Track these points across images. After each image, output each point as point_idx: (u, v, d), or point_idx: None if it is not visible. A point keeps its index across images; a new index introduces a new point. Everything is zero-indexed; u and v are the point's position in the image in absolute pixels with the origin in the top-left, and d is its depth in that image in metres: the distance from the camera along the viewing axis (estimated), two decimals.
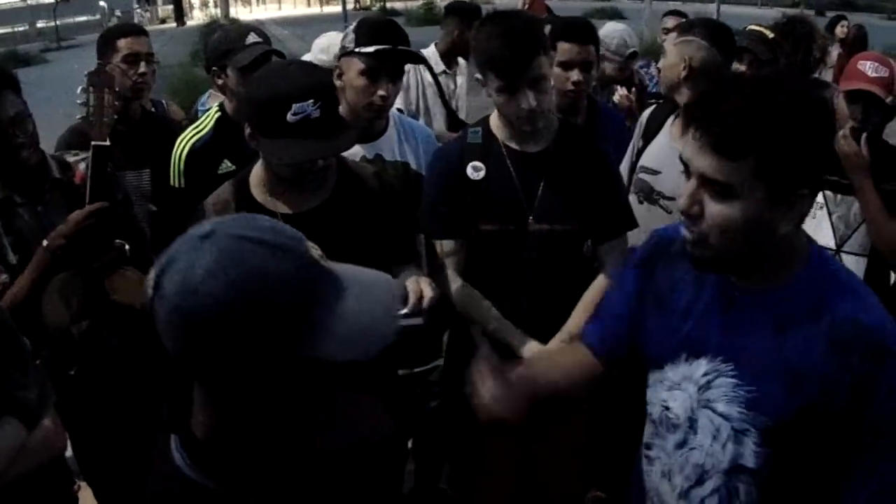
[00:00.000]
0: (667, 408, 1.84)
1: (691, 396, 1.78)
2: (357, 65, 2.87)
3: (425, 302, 2.26)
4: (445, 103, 4.63)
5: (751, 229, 1.57)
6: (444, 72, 4.99)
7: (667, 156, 3.16)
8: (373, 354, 1.25)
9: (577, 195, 2.70)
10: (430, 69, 4.53)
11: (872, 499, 1.59)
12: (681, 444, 1.82)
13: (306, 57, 4.10)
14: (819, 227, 3.10)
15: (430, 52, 4.89)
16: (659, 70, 3.52)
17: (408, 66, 4.54)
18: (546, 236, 2.70)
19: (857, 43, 9.26)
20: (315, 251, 1.25)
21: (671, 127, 3.25)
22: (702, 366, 1.75)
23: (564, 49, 3.41)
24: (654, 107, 3.58)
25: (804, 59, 3.93)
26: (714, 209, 1.57)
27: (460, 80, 5.14)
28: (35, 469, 2.08)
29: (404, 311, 2.24)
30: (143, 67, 3.50)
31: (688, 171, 1.61)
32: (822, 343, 1.59)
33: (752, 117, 1.50)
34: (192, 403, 1.32)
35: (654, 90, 4.90)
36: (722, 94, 1.56)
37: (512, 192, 2.69)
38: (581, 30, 3.52)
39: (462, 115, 4.95)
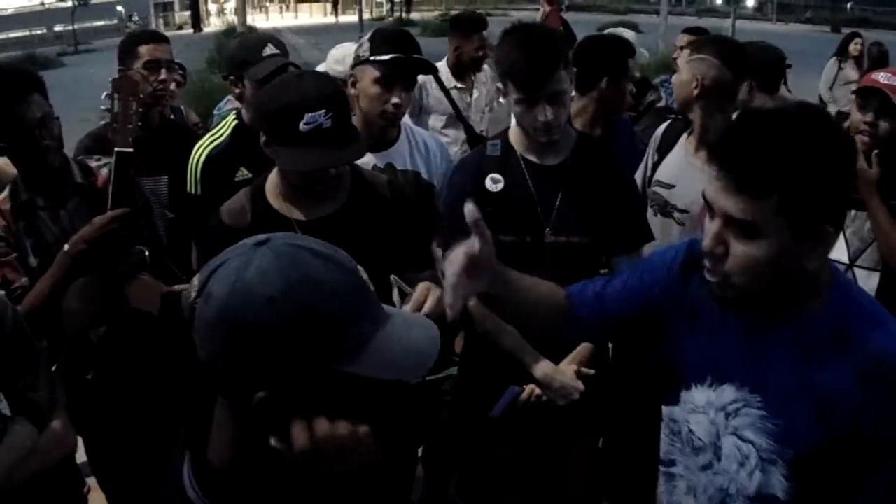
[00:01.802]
0: (691, 430, 1.84)
1: (714, 422, 1.77)
2: (371, 73, 2.92)
3: (425, 309, 2.28)
4: (461, 118, 4.61)
5: (776, 267, 1.57)
6: (456, 87, 4.94)
7: (681, 170, 3.20)
8: (416, 377, 1.26)
9: (593, 208, 2.72)
10: (443, 85, 4.53)
11: None
12: (706, 467, 1.82)
13: (321, 67, 4.13)
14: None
15: (442, 68, 4.82)
16: None
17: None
18: (562, 248, 2.71)
19: (878, 61, 9.21)
20: (364, 274, 1.27)
21: (685, 142, 3.29)
22: (727, 393, 1.75)
23: (631, 65, 3.58)
24: (668, 122, 3.62)
25: None
26: (739, 249, 1.57)
27: (476, 92, 5.09)
28: (44, 469, 2.10)
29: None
30: (163, 74, 3.52)
31: (712, 211, 1.61)
32: (848, 374, 1.58)
33: (775, 155, 1.49)
34: (210, 427, 1.30)
35: (672, 105, 4.92)
36: (744, 132, 1.55)
37: (529, 204, 2.71)
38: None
39: (481, 128, 4.95)
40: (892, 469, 1.58)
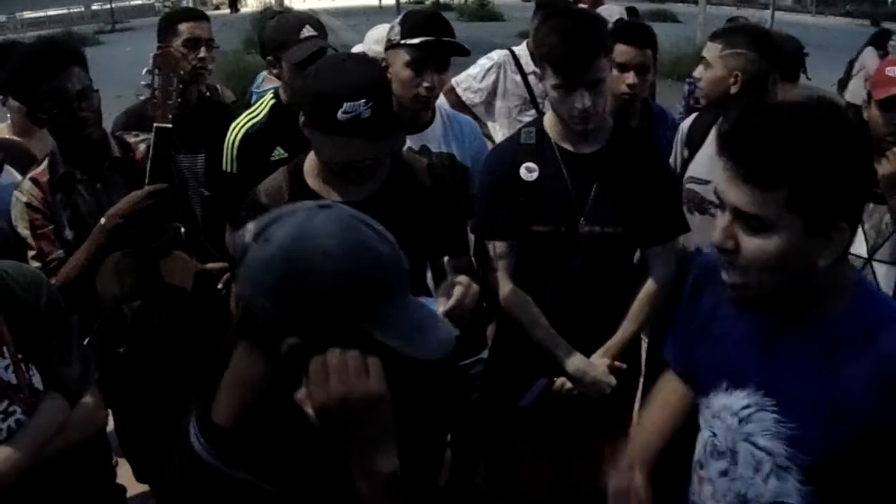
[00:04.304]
0: (714, 434, 1.83)
1: (730, 428, 1.75)
2: (402, 57, 2.88)
3: (459, 306, 2.27)
4: (535, 104, 4.52)
5: (788, 263, 1.52)
6: (535, 72, 4.60)
7: (716, 165, 3.12)
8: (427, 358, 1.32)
9: (628, 198, 2.68)
10: (521, 68, 4.46)
11: None
12: (724, 473, 1.80)
13: (358, 47, 4.10)
14: None
15: (522, 51, 4.64)
16: None
17: (493, 67, 4.47)
18: (597, 238, 2.68)
19: None
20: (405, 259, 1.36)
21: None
22: (741, 398, 1.72)
23: (622, 51, 3.38)
24: (695, 115, 3.52)
25: None
26: (749, 244, 1.53)
27: None
28: (75, 444, 2.12)
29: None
30: (202, 52, 3.54)
31: (722, 204, 1.57)
32: (866, 381, 1.54)
33: (785, 145, 1.45)
34: (219, 385, 1.39)
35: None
36: (753, 123, 1.51)
37: (564, 194, 2.67)
38: (639, 33, 3.51)
39: None
40: None
